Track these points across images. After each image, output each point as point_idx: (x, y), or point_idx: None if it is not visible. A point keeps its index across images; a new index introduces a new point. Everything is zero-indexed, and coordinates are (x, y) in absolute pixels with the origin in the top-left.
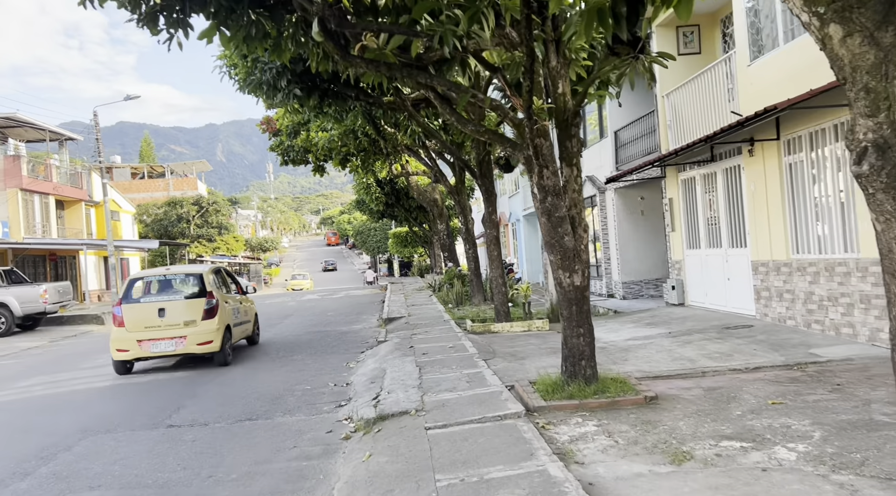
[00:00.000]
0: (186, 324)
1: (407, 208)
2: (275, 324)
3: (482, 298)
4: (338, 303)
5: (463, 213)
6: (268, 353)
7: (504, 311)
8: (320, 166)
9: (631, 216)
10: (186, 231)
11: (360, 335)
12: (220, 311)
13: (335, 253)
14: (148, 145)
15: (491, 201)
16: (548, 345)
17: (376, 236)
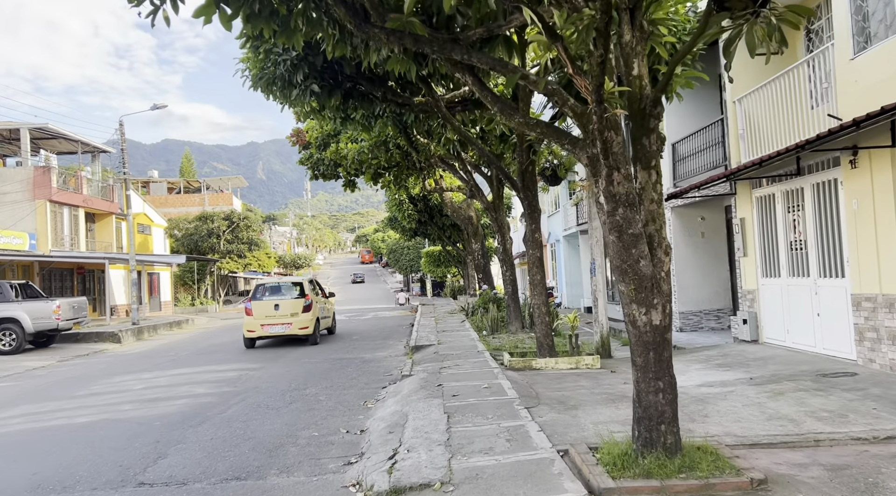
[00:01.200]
0: (292, 315)
1: (440, 226)
2: (294, 348)
3: (520, 326)
4: (365, 326)
5: (500, 232)
6: (276, 386)
7: (547, 345)
8: (351, 181)
9: (689, 238)
10: (217, 246)
11: (384, 365)
12: (313, 308)
13: (368, 271)
14: (188, 161)
15: (534, 218)
16: (602, 389)
17: (409, 255)
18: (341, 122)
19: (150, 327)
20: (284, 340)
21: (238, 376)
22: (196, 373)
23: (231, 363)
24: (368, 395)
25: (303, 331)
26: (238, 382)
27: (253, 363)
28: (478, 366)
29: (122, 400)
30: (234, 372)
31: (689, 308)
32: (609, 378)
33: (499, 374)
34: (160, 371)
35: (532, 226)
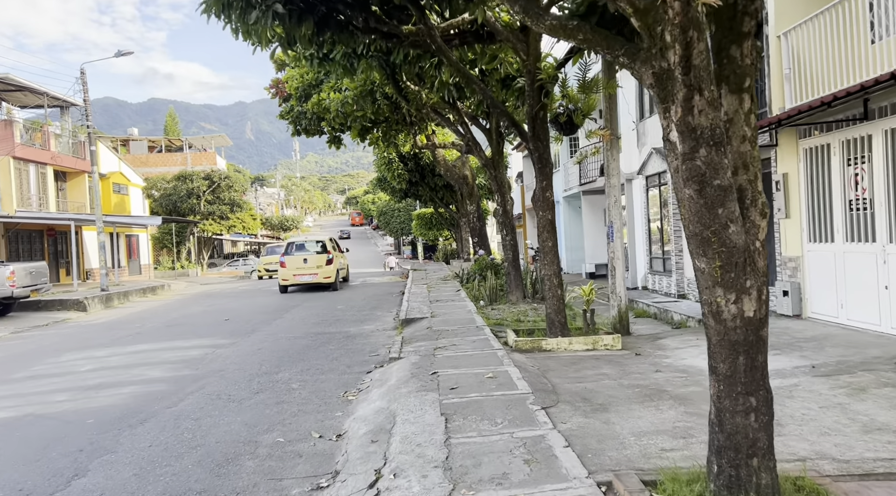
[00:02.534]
0: (318, 267)
1: (432, 187)
2: (271, 320)
3: (521, 295)
4: (351, 293)
5: (500, 191)
6: (244, 368)
7: (559, 322)
8: (336, 137)
9: None
10: (197, 207)
11: (370, 342)
12: (335, 262)
13: (359, 233)
14: (173, 120)
15: (545, 173)
16: (631, 379)
17: (400, 217)
18: (319, 64)
19: (120, 294)
20: (266, 311)
21: (203, 355)
22: (156, 350)
23: (199, 338)
24: (350, 383)
25: (326, 279)
26: (201, 363)
27: (223, 338)
28: (478, 346)
29: (61, 386)
30: (199, 349)
31: None
32: (635, 363)
33: (504, 358)
34: (118, 347)
35: (543, 182)
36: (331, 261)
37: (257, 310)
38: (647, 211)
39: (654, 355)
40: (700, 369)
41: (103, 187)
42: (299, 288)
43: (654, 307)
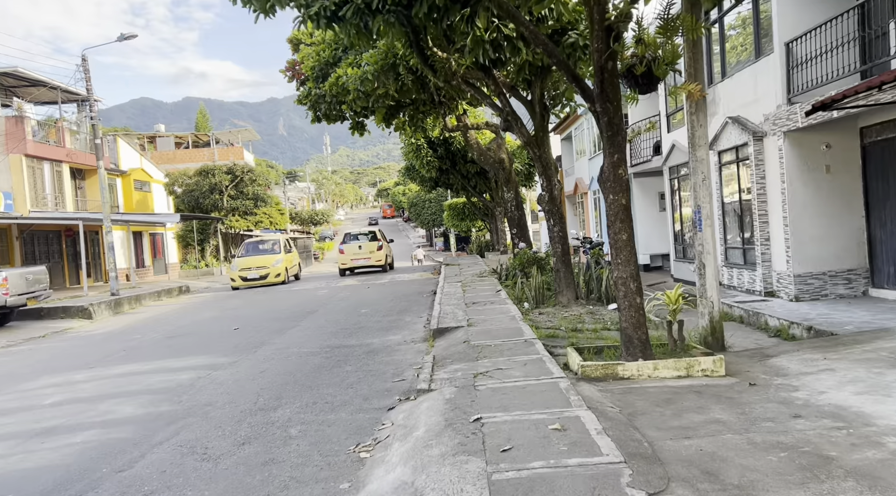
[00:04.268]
0: (371, 253)
1: (464, 174)
2: (285, 328)
3: (573, 296)
4: (378, 294)
5: (545, 174)
6: (237, 401)
7: (639, 340)
8: (359, 123)
9: (809, 174)
10: (219, 203)
11: (396, 359)
12: (384, 248)
13: (390, 225)
14: (203, 117)
15: (616, 143)
16: (764, 433)
17: (431, 208)
18: (327, 24)
19: (132, 298)
20: (281, 317)
21: (194, 380)
22: (143, 373)
23: (198, 354)
24: (364, 428)
25: (378, 262)
26: (188, 393)
27: (224, 354)
28: (531, 371)
29: (5, 431)
30: (192, 371)
31: (808, 269)
32: (755, 400)
33: (570, 393)
34: (102, 368)
35: (614, 156)
36: (381, 248)
37: (273, 316)
38: (720, 192)
39: (774, 385)
40: (861, 413)
41: (124, 184)
42: (326, 286)
43: (738, 308)
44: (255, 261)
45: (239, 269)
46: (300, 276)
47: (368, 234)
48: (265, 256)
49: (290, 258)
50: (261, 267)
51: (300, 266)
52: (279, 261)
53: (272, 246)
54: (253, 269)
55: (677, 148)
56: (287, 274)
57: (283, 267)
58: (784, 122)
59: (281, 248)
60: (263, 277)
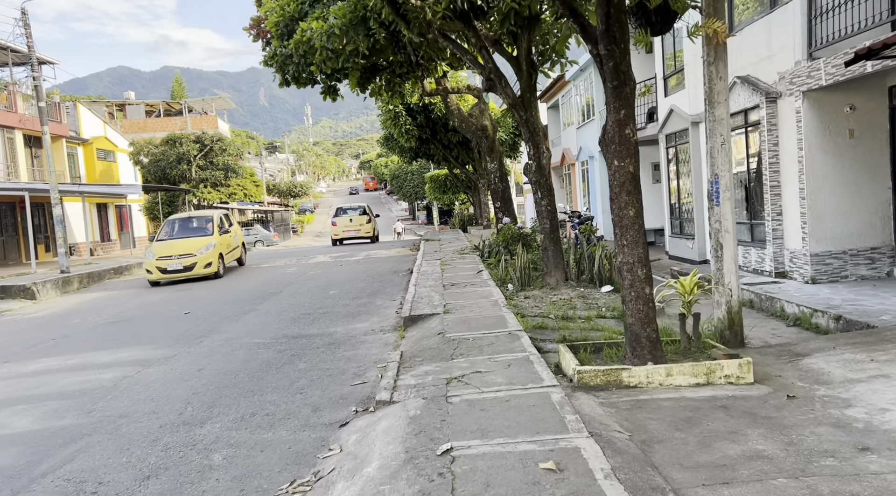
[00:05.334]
0: (360, 226)
1: (445, 144)
2: (241, 312)
3: (562, 277)
4: (350, 272)
5: (532, 140)
6: (158, 414)
7: (649, 339)
8: (331, 87)
9: (830, 140)
10: (187, 173)
11: (359, 354)
12: (373, 223)
13: (373, 198)
14: (180, 86)
15: (625, 96)
16: (830, 480)
17: (413, 181)
18: None
19: (85, 276)
20: (241, 299)
21: (116, 381)
22: (61, 370)
23: (133, 345)
24: (306, 455)
25: (367, 234)
26: (104, 399)
27: (163, 345)
28: (517, 375)
29: None
30: (119, 369)
31: (827, 247)
32: (802, 421)
33: (564, 409)
34: (16, 363)
35: (621, 112)
36: (369, 221)
37: (231, 298)
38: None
39: (819, 399)
40: None
41: (86, 153)
42: (302, 269)
43: (747, 291)
44: (177, 246)
45: (156, 258)
46: (245, 261)
47: (358, 209)
48: (192, 240)
49: (227, 241)
50: (185, 254)
51: (244, 249)
52: (210, 247)
53: (205, 224)
54: (174, 258)
55: (676, 113)
56: (222, 262)
57: (216, 253)
58: (804, 81)
59: (214, 227)
60: (188, 268)
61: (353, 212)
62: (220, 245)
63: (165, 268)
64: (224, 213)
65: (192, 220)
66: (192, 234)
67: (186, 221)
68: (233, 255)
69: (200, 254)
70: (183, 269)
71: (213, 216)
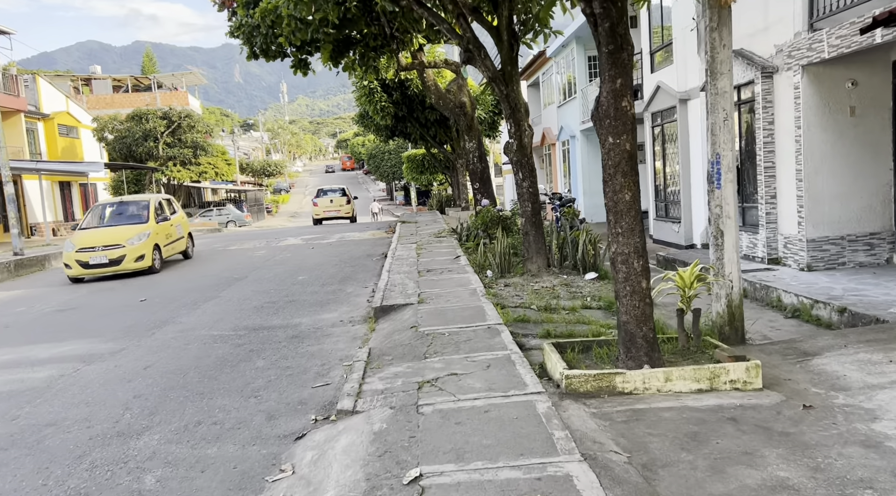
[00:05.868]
0: (340, 206)
1: (422, 122)
2: (201, 300)
3: (544, 263)
4: (322, 256)
5: (513, 117)
6: (91, 422)
7: (645, 339)
8: (302, 61)
9: (830, 117)
10: (154, 151)
11: (324, 349)
12: (352, 204)
13: (350, 178)
14: (150, 61)
15: (621, 62)
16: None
17: (390, 160)
18: None
19: (42, 258)
20: (203, 285)
21: (51, 380)
22: None
23: (77, 338)
24: (254, 476)
25: (346, 215)
26: (32, 403)
27: (110, 338)
28: (496, 378)
29: None
30: (56, 365)
31: (824, 232)
32: (822, 435)
33: (552, 423)
34: None
35: (617, 81)
36: (349, 202)
37: (191, 285)
38: None
39: (840, 409)
40: None
41: (47, 129)
42: (279, 252)
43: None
44: (103, 235)
45: (77, 249)
46: (191, 254)
47: (338, 191)
48: (121, 228)
49: (166, 230)
50: (111, 245)
51: (191, 240)
52: (143, 236)
53: (139, 210)
54: (98, 250)
55: (663, 90)
56: (158, 255)
57: (150, 244)
58: (803, 54)
59: (150, 214)
60: (115, 261)
61: (334, 193)
62: (157, 235)
63: (87, 261)
64: (166, 198)
65: (124, 206)
66: (123, 221)
67: (118, 207)
68: (175, 247)
69: (130, 245)
70: (108, 263)
71: (149, 201)
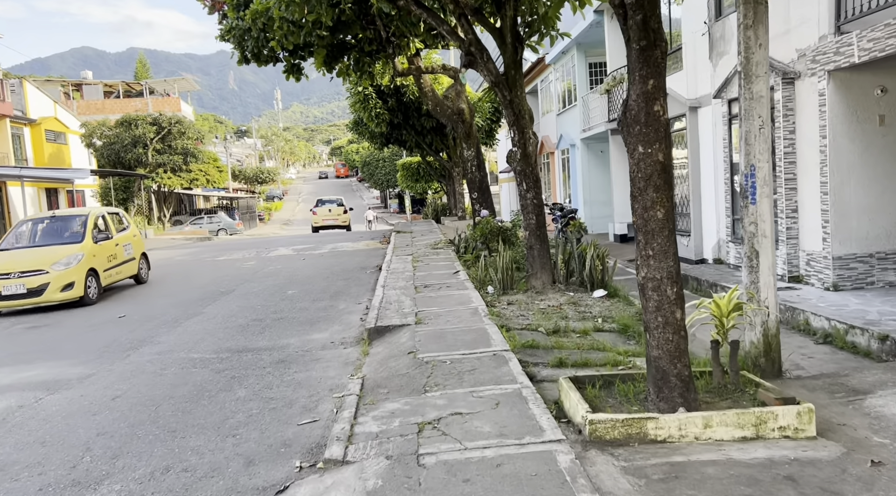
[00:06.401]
0: (338, 216)
1: (418, 130)
2: (184, 317)
3: (549, 279)
4: (313, 268)
5: (517, 124)
6: (43, 467)
7: (679, 378)
8: (295, 66)
9: (857, 127)
10: (144, 157)
11: (312, 376)
12: (348, 214)
13: (344, 186)
14: (144, 67)
15: (653, 62)
16: None
17: (385, 168)
18: None
19: None
20: (187, 300)
21: (6, 413)
22: None
23: (45, 360)
24: None
25: (343, 223)
26: None
27: (80, 362)
28: (508, 420)
29: None
30: (16, 394)
31: (851, 249)
32: None
33: (579, 485)
34: None
35: (650, 81)
36: (345, 212)
37: (175, 300)
38: (730, 151)
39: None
40: None
41: (34, 135)
42: (275, 264)
43: None
44: (22, 258)
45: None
46: (145, 278)
47: (336, 201)
48: (47, 250)
49: (107, 251)
50: (31, 271)
51: (146, 260)
52: (73, 260)
53: (73, 227)
54: (14, 277)
55: (672, 97)
56: (95, 282)
57: (83, 269)
58: (830, 58)
59: (87, 231)
60: (36, 292)
61: (331, 203)
62: (94, 257)
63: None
64: (114, 211)
65: (56, 222)
66: (52, 241)
67: (48, 223)
68: (122, 272)
69: (56, 271)
70: (26, 294)
71: (87, 215)
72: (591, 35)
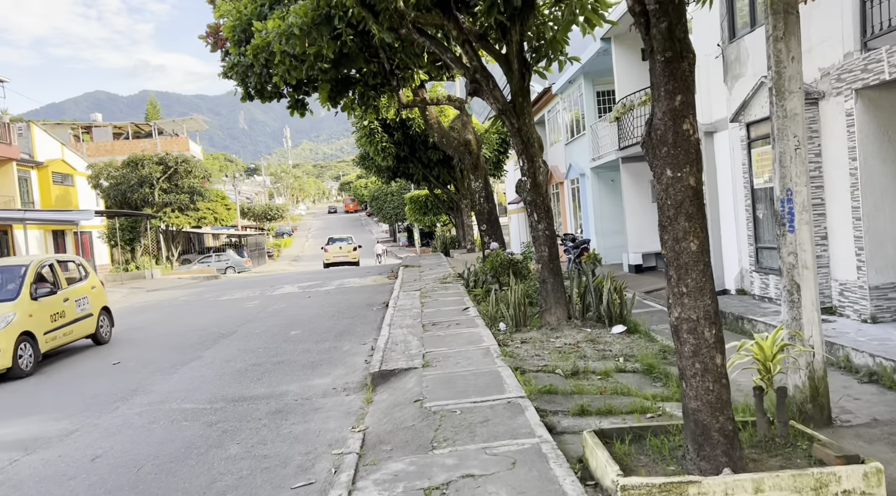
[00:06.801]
0: (348, 253)
1: (425, 163)
2: (181, 362)
3: (563, 314)
4: (318, 307)
5: (526, 152)
6: None
7: (722, 433)
8: (299, 101)
9: (890, 146)
10: (150, 197)
11: (310, 429)
12: (357, 250)
13: (353, 220)
14: (154, 108)
15: (680, 76)
16: None
17: (393, 202)
18: None
19: None
20: (183, 344)
21: None
22: None
23: (29, 414)
24: None
25: (353, 259)
26: None
27: (64, 416)
28: (528, 485)
29: None
30: None
31: (889, 278)
32: None
33: None
34: None
35: (676, 99)
36: (355, 249)
37: (173, 342)
38: (750, 177)
39: None
40: None
41: (41, 177)
42: (281, 301)
43: None
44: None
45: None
46: (107, 337)
47: (346, 239)
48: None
49: (54, 308)
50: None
51: (109, 315)
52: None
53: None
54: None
55: None
56: (32, 347)
57: (12, 333)
58: (857, 76)
59: (24, 286)
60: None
61: (342, 241)
62: (31, 318)
63: None
64: (66, 259)
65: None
66: None
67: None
68: (74, 332)
69: None
70: None
71: (27, 266)
72: (597, 63)
